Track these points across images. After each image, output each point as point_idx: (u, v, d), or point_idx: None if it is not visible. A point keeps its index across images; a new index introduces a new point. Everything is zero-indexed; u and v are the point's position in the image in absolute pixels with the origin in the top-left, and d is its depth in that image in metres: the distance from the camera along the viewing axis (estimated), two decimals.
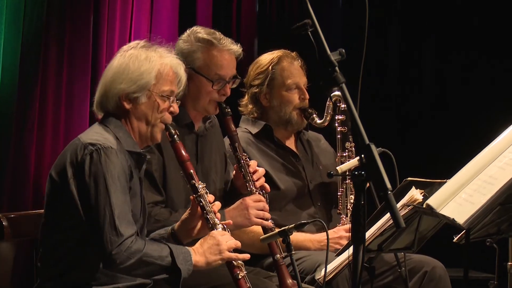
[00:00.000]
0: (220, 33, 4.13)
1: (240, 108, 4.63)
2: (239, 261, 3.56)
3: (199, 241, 3.53)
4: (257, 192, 4.04)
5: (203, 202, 3.57)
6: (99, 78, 5.20)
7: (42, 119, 5.10)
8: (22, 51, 5.00)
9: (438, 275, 4.29)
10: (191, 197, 3.60)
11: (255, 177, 4.07)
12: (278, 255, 3.94)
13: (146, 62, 3.49)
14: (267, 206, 4.02)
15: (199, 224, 3.63)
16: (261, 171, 4.12)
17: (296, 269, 3.60)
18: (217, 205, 3.63)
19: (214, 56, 4.05)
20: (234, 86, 4.24)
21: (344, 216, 4.47)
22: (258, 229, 4.15)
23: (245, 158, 4.08)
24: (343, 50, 2.78)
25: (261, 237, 3.82)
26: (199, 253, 3.47)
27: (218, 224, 3.57)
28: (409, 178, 3.68)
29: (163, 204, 3.97)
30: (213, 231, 3.54)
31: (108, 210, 3.30)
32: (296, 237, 4.31)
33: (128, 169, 3.43)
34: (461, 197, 3.40)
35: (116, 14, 5.42)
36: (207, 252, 3.48)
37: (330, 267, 3.78)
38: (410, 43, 6.71)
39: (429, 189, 3.63)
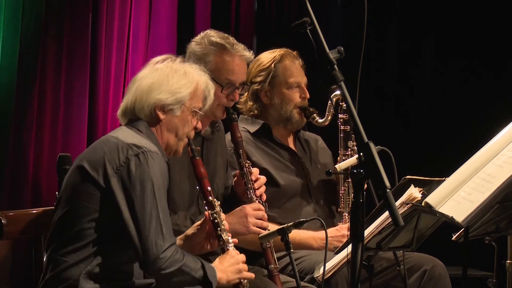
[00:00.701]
0: (233, 38, 4.14)
1: (238, 106, 4.62)
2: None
3: (218, 259, 3.56)
4: (257, 201, 4.04)
5: (218, 220, 3.60)
6: (98, 78, 5.26)
7: (41, 118, 5.10)
8: (21, 51, 5.00)
9: (438, 274, 4.29)
10: (206, 213, 3.62)
11: (256, 185, 4.07)
12: (272, 265, 3.95)
13: (186, 76, 3.54)
14: (266, 216, 4.02)
15: (203, 242, 3.66)
16: (263, 179, 4.12)
17: (295, 267, 3.61)
18: (227, 224, 3.66)
19: (226, 61, 4.06)
20: (243, 92, 4.25)
21: (347, 214, 4.48)
22: None
23: (248, 166, 4.08)
24: (342, 48, 2.78)
25: (259, 235, 3.84)
26: (221, 271, 3.51)
27: (230, 243, 3.61)
28: (407, 176, 3.68)
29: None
30: (230, 251, 3.58)
31: (155, 214, 3.31)
32: (299, 234, 4.32)
33: (166, 175, 3.48)
34: (459, 195, 3.41)
35: (114, 14, 5.42)
36: (228, 271, 3.53)
37: (329, 265, 3.78)
38: (410, 42, 6.71)
39: (427, 187, 3.63)
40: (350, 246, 2.78)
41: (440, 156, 6.10)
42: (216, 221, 3.60)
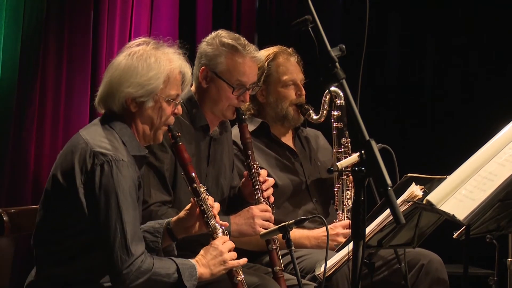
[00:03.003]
0: (244, 38, 4.13)
1: None
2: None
3: (202, 252, 3.53)
4: (264, 202, 4.04)
5: (204, 206, 3.55)
6: (99, 75, 5.25)
7: (42, 115, 5.10)
8: (22, 48, 5.00)
9: (435, 268, 4.29)
10: (192, 199, 3.59)
11: (264, 186, 4.07)
12: (278, 267, 3.94)
13: (155, 66, 3.45)
14: (273, 217, 4.03)
15: (196, 223, 3.62)
16: (271, 181, 4.12)
17: (296, 265, 3.60)
18: (217, 207, 3.62)
19: (238, 62, 4.04)
20: (253, 93, 4.25)
21: (341, 212, 4.47)
22: None
23: (257, 167, 4.08)
24: (343, 46, 2.78)
25: (260, 233, 3.83)
26: (203, 265, 3.48)
27: (218, 229, 3.57)
28: (409, 174, 3.68)
29: (170, 204, 3.97)
30: (214, 242, 3.54)
31: (119, 227, 3.28)
32: (293, 234, 4.31)
33: (137, 180, 3.42)
34: (461, 193, 3.40)
35: (116, 10, 5.42)
36: (211, 264, 3.49)
37: (330, 263, 3.78)
38: (411, 39, 6.71)
39: (429, 185, 3.63)
40: (351, 244, 2.77)
41: (442, 154, 6.10)
42: (202, 208, 3.55)
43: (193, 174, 3.60)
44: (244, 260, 3.58)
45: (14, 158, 5.00)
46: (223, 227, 3.59)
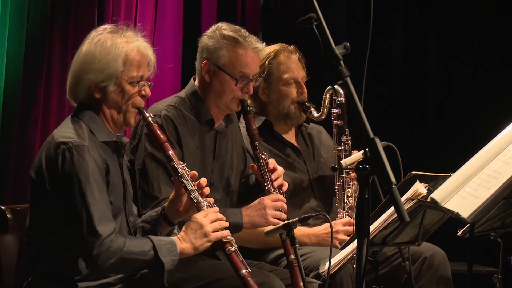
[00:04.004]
0: (245, 30, 4.12)
1: None
2: (228, 237, 3.49)
3: (183, 227, 3.48)
4: (275, 192, 4.04)
5: (185, 182, 3.48)
6: None
7: (46, 113, 5.11)
8: (27, 45, 5.01)
9: (437, 261, 4.27)
10: (173, 178, 3.55)
11: (273, 176, 4.07)
12: (292, 256, 3.91)
13: (112, 49, 3.43)
14: (285, 206, 4.02)
15: (186, 205, 3.56)
16: (280, 170, 4.12)
17: (300, 262, 3.60)
18: (203, 180, 3.52)
19: (239, 54, 4.04)
20: (257, 84, 4.24)
21: (341, 210, 4.47)
22: None
23: (265, 158, 4.08)
24: (348, 44, 2.77)
25: (265, 231, 3.82)
26: (184, 240, 3.43)
27: (203, 202, 3.49)
28: (413, 172, 3.68)
29: None
30: (195, 215, 3.47)
31: (84, 211, 3.28)
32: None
33: (103, 163, 3.40)
34: (465, 191, 3.41)
35: (120, 8, 5.42)
36: (192, 238, 3.43)
37: (334, 260, 3.78)
38: (415, 38, 6.70)
39: (433, 183, 3.63)
40: (355, 242, 2.77)
41: (446, 152, 6.10)
42: (183, 184, 3.49)
43: (170, 152, 3.53)
44: (226, 232, 3.49)
45: (18, 156, 5.01)
46: (210, 201, 3.52)
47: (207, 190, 3.52)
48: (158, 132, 3.55)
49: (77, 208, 3.29)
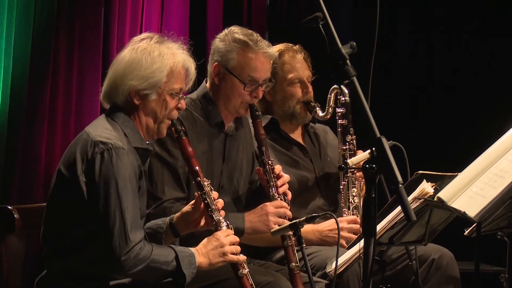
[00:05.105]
0: (258, 34, 4.11)
1: None
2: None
3: (203, 242, 3.54)
4: (279, 198, 4.04)
5: (208, 200, 3.56)
6: None
7: (53, 112, 5.11)
8: (33, 45, 5.01)
9: (446, 263, 4.27)
10: (196, 194, 3.59)
11: (279, 182, 4.07)
12: (294, 264, 3.92)
13: (159, 60, 3.48)
14: (288, 213, 4.02)
15: (201, 218, 3.63)
16: (286, 177, 4.11)
17: (307, 262, 3.60)
18: (221, 202, 3.62)
19: (249, 58, 4.04)
20: (267, 89, 4.24)
21: (346, 210, 4.46)
22: None
23: (271, 163, 4.08)
24: (354, 43, 2.78)
25: (271, 230, 3.82)
26: (203, 254, 3.49)
27: (223, 222, 3.57)
28: (420, 171, 3.67)
29: (185, 201, 3.94)
30: (217, 233, 3.54)
31: (118, 214, 3.31)
32: None
33: (138, 169, 3.44)
34: (472, 190, 3.40)
35: (127, 8, 5.42)
36: (210, 254, 3.50)
37: (340, 260, 3.78)
38: (422, 36, 6.70)
39: (440, 182, 3.62)
40: (362, 241, 2.77)
41: (453, 151, 6.08)
42: (206, 201, 3.56)
43: (197, 168, 3.61)
44: (243, 258, 3.57)
45: (25, 155, 5.01)
46: (228, 222, 3.59)
47: (223, 213, 3.60)
48: (188, 146, 3.63)
49: (110, 210, 3.31)
